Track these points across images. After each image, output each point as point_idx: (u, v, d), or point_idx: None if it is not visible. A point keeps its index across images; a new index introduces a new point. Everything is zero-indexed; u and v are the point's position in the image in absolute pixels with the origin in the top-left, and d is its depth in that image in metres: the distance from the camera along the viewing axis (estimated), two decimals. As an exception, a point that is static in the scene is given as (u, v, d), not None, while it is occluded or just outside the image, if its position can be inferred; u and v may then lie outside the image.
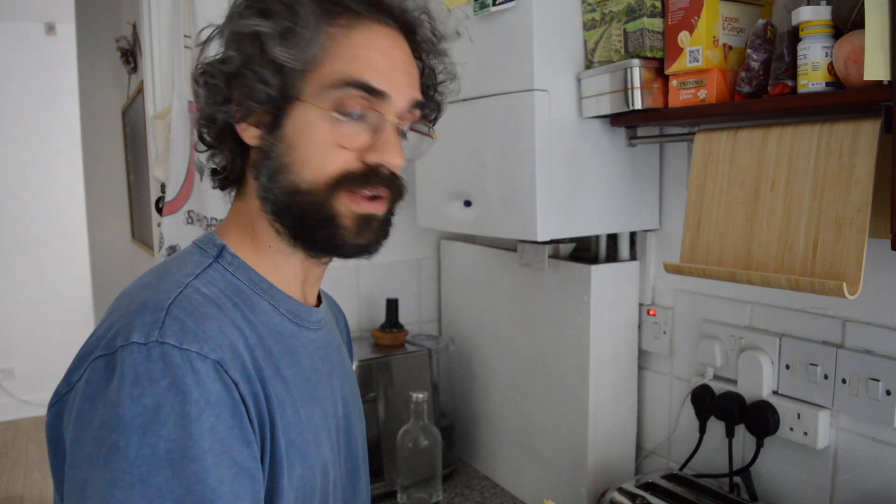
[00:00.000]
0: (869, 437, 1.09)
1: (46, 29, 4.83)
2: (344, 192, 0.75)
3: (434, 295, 1.94)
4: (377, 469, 1.62)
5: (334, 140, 0.74)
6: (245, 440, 0.66)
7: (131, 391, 0.62)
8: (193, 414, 0.62)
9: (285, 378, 0.75)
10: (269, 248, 0.79)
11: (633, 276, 1.43)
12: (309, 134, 0.74)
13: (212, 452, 0.63)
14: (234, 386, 0.67)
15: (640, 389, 1.47)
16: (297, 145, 0.74)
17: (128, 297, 0.72)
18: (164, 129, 1.70)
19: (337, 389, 0.87)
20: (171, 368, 0.63)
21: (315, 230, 0.76)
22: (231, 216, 0.83)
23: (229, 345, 0.68)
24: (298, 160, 0.74)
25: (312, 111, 0.74)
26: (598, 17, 1.21)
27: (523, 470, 1.61)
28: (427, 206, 1.54)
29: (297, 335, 0.80)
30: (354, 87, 0.74)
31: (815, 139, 0.96)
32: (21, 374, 4.87)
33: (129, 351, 0.63)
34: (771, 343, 1.20)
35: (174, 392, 0.62)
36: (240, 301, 0.74)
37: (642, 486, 1.26)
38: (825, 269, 0.93)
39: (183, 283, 0.71)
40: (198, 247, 0.79)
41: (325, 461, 0.80)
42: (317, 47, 0.73)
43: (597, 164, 1.30)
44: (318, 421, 0.80)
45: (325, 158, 0.74)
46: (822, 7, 0.92)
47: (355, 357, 1.60)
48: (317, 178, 0.74)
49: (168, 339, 0.64)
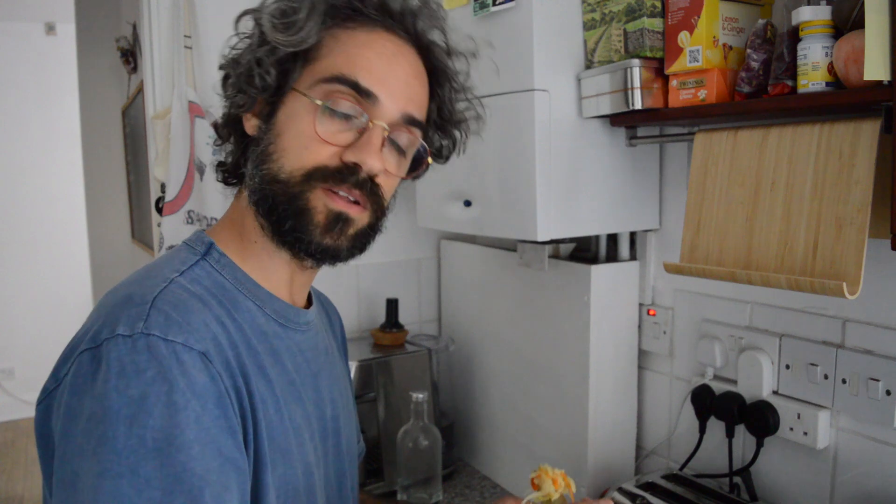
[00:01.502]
0: (869, 437, 1.09)
1: (46, 29, 4.83)
2: (319, 186, 0.74)
3: (434, 295, 1.94)
4: (377, 469, 1.63)
5: (316, 133, 0.74)
6: (230, 431, 0.67)
7: (117, 383, 0.62)
8: (180, 403, 0.63)
9: (268, 377, 0.75)
10: (254, 243, 0.79)
11: (633, 276, 1.43)
12: (294, 123, 0.75)
13: (198, 442, 0.63)
14: (219, 377, 0.67)
15: (640, 389, 1.47)
16: (282, 133, 0.76)
17: (113, 294, 0.72)
18: (164, 129, 1.70)
19: (324, 392, 0.86)
20: (157, 359, 0.63)
21: (284, 220, 0.75)
22: (226, 214, 0.83)
23: (213, 338, 0.69)
24: (280, 148, 0.75)
25: (301, 101, 0.75)
26: (598, 17, 1.21)
27: (523, 470, 1.61)
28: (427, 206, 1.54)
29: (281, 336, 0.79)
30: (343, 83, 0.74)
31: (815, 139, 0.96)
32: (21, 374, 4.86)
33: (115, 343, 0.64)
34: (771, 343, 1.20)
35: (160, 382, 0.62)
36: (224, 299, 0.75)
37: (642, 486, 1.26)
38: (825, 269, 0.93)
39: (168, 279, 0.71)
40: (186, 245, 0.79)
41: (307, 463, 0.79)
42: (311, 35, 0.74)
43: (597, 164, 1.30)
44: (301, 422, 0.80)
45: (304, 150, 0.74)
46: (822, 7, 0.92)
47: (355, 357, 1.60)
48: (293, 169, 0.74)
49: (153, 330, 0.64)
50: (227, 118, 0.81)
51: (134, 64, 2.64)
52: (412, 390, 1.54)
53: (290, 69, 0.76)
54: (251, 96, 0.77)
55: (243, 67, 0.76)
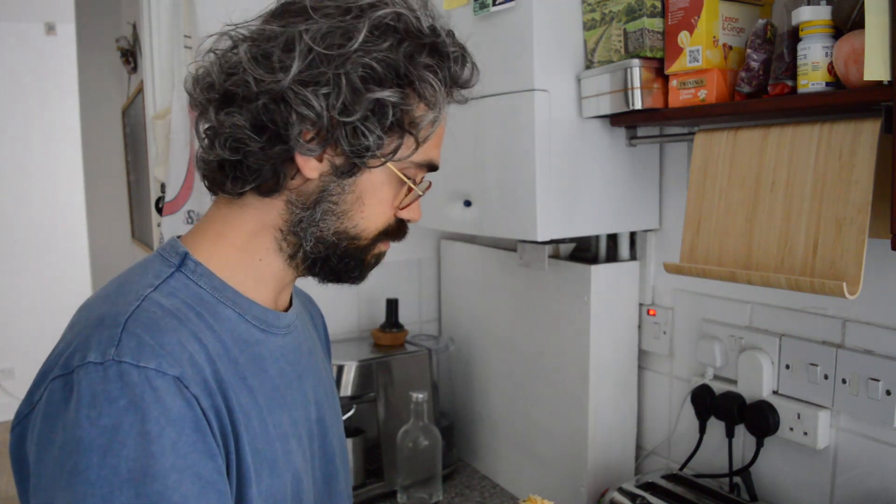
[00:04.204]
0: (869, 437, 1.09)
1: (46, 29, 4.82)
2: (381, 241, 0.81)
3: (434, 295, 1.94)
4: (377, 469, 1.63)
5: (395, 203, 0.80)
6: (209, 454, 0.66)
7: (89, 412, 0.61)
8: (154, 432, 0.62)
9: (251, 387, 0.75)
10: (259, 261, 0.79)
11: (633, 276, 1.43)
12: (378, 192, 0.78)
13: (175, 470, 0.62)
14: (195, 400, 0.66)
15: (640, 389, 1.47)
16: (364, 198, 0.77)
17: (86, 311, 0.71)
18: (164, 129, 1.70)
19: (309, 393, 0.86)
20: (129, 387, 0.62)
21: (346, 269, 0.81)
22: (206, 222, 0.80)
23: (189, 358, 0.67)
24: (361, 213, 0.78)
25: (390, 173, 0.78)
26: (598, 17, 1.21)
27: (523, 470, 1.61)
28: (427, 206, 1.53)
29: (263, 342, 0.79)
30: (430, 169, 0.81)
31: (815, 139, 0.96)
32: (21, 374, 4.86)
33: (86, 371, 0.63)
34: (771, 343, 1.20)
35: (132, 411, 0.62)
36: (203, 311, 0.73)
37: (642, 486, 1.26)
38: (825, 269, 0.93)
39: (141, 296, 0.70)
40: (160, 255, 0.77)
41: (295, 469, 0.79)
42: (440, 118, 0.78)
43: (597, 164, 1.30)
44: (288, 428, 0.79)
45: (382, 216, 0.80)
46: (822, 7, 0.92)
47: (355, 357, 1.60)
48: (368, 230, 0.79)
49: (124, 356, 0.63)
50: (275, 137, 0.72)
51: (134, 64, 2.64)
52: (412, 390, 1.54)
53: (394, 146, 0.76)
54: (324, 146, 0.73)
55: (341, 127, 0.72)
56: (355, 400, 1.59)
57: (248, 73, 0.71)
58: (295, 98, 0.70)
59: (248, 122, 0.72)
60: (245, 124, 0.72)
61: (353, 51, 0.70)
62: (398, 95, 0.72)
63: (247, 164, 0.74)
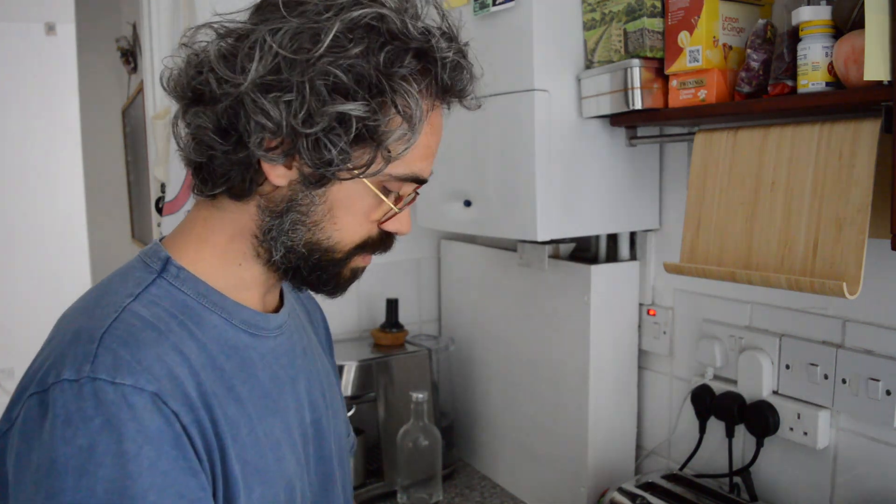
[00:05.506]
0: (869, 437, 1.09)
1: (46, 29, 4.82)
2: (360, 254, 0.77)
3: (434, 295, 1.94)
4: (377, 469, 1.63)
5: (371, 216, 0.75)
6: (191, 471, 0.64)
7: (63, 432, 0.59)
8: (131, 452, 0.60)
9: (239, 396, 0.72)
10: (238, 266, 0.76)
11: (633, 276, 1.43)
12: (351, 205, 0.73)
13: (154, 489, 0.60)
14: (174, 417, 0.64)
15: (640, 389, 1.47)
16: (335, 209, 0.72)
17: (64, 324, 0.69)
18: (164, 129, 1.70)
19: (303, 396, 0.83)
20: (104, 406, 0.60)
21: (319, 282, 0.77)
22: (186, 224, 0.78)
23: (168, 374, 0.65)
24: (333, 225, 0.73)
25: (363, 187, 0.72)
26: (598, 17, 1.21)
27: (523, 470, 1.61)
28: (427, 206, 1.54)
29: (253, 346, 0.76)
30: (416, 182, 0.75)
31: (815, 139, 0.96)
32: (21, 374, 4.84)
33: (61, 389, 0.61)
34: (771, 343, 1.20)
35: (108, 431, 0.60)
36: (186, 318, 0.70)
37: (642, 486, 1.26)
38: (825, 269, 0.93)
39: (120, 307, 0.67)
40: (142, 260, 0.75)
41: (288, 477, 0.77)
42: (419, 130, 0.71)
43: (597, 164, 1.30)
44: (280, 434, 0.77)
45: (359, 228, 0.74)
46: (822, 7, 0.92)
47: (355, 357, 1.60)
48: (342, 243, 0.74)
49: (100, 373, 0.61)
50: (239, 142, 0.69)
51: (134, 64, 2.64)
52: (412, 390, 1.54)
53: (365, 158, 0.69)
54: (291, 154, 0.68)
55: (309, 137, 0.66)
56: (355, 400, 1.59)
57: (214, 71, 0.67)
58: (253, 105, 0.65)
59: (213, 124, 0.69)
60: (210, 126, 0.69)
61: (317, 56, 0.64)
62: (364, 109, 0.66)
63: (212, 167, 0.71)
